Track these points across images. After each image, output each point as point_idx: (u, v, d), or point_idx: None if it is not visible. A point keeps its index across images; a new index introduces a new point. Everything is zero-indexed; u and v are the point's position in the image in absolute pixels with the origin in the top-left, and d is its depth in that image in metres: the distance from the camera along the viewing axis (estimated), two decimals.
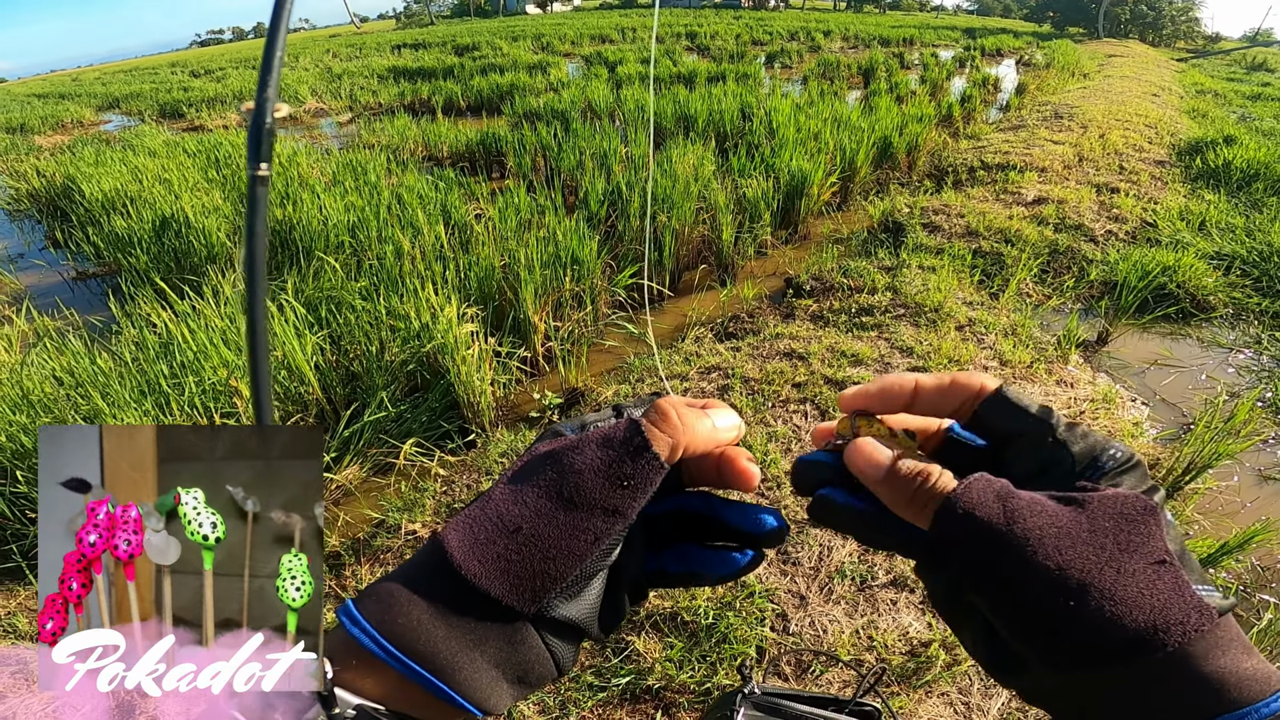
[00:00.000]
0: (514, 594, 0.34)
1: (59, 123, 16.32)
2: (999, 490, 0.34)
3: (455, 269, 4.29)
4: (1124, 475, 0.36)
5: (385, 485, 3.24)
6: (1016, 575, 0.32)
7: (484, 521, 0.35)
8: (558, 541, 0.34)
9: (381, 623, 0.33)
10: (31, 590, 2.69)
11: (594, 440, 0.37)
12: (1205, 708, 0.30)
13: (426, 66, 19.75)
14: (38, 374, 3.24)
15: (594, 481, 0.35)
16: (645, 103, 9.93)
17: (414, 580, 0.34)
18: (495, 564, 0.34)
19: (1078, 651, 0.31)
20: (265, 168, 0.26)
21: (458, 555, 0.34)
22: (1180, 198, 6.66)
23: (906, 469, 0.37)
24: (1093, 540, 0.32)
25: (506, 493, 0.36)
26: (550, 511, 0.35)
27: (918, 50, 25.56)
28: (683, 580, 0.42)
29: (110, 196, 6.53)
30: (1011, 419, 0.38)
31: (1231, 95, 15.59)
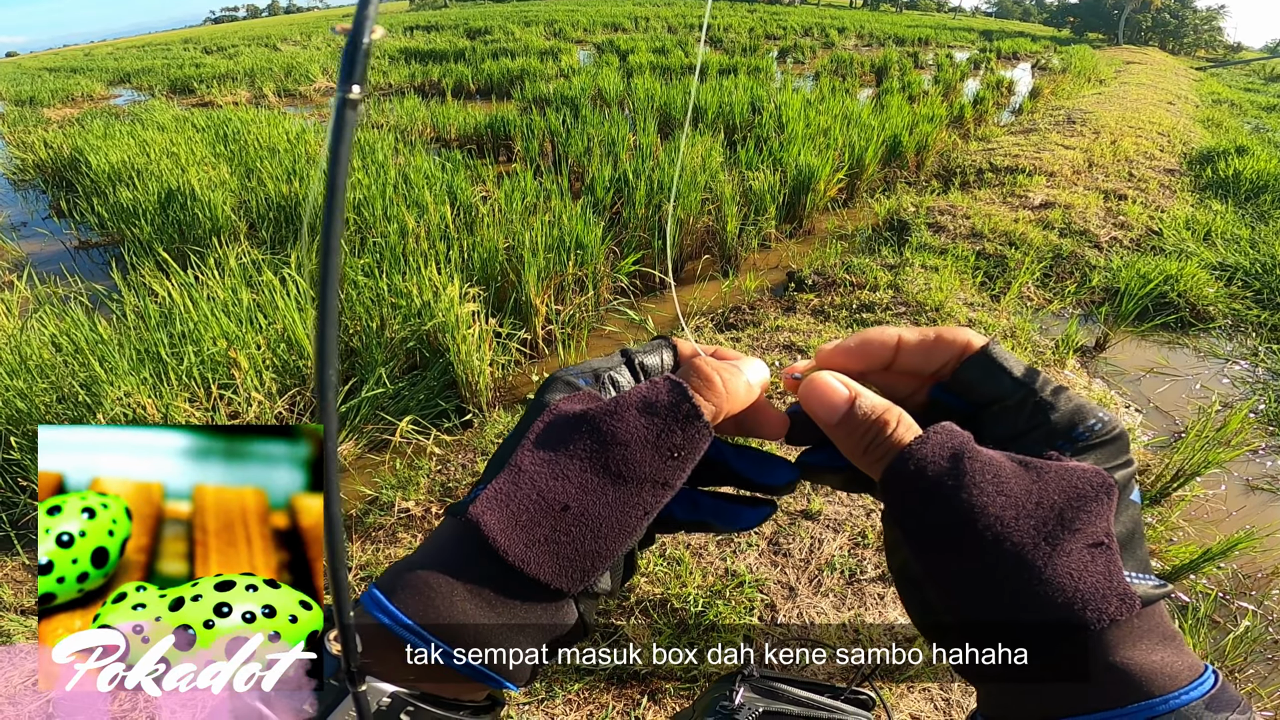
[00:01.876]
0: (564, 576, 0.32)
1: (69, 96, 16.31)
2: (956, 447, 0.33)
3: (459, 249, 4.30)
4: (1101, 448, 0.34)
5: (380, 462, 3.25)
6: (953, 541, 0.31)
7: (523, 499, 0.32)
8: (609, 519, 0.32)
9: (424, 615, 0.31)
10: (19, 561, 2.68)
11: (635, 405, 0.34)
12: (1123, 694, 0.30)
13: (438, 49, 19.70)
14: (36, 339, 3.25)
15: (643, 454, 0.33)
16: (656, 93, 9.89)
17: (450, 566, 0.32)
18: (543, 547, 0.32)
19: (995, 627, 0.31)
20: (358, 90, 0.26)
21: (500, 539, 0.31)
22: (1188, 207, 6.64)
23: (864, 411, 0.35)
24: (1037, 514, 0.31)
25: (541, 465, 0.33)
26: (599, 487, 0.33)
27: (933, 50, 25.43)
28: (690, 527, 0.39)
29: (117, 168, 6.54)
30: (994, 380, 0.36)
31: (1248, 106, 15.49)
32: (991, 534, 0.31)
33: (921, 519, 0.32)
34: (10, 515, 2.78)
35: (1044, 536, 0.31)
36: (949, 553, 0.32)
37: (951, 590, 0.32)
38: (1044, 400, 0.35)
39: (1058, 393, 0.35)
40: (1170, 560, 2.63)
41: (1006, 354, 0.37)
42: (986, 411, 0.37)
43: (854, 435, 0.35)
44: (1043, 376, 0.36)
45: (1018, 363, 0.37)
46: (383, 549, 2.63)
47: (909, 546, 0.33)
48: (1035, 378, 0.36)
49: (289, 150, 6.63)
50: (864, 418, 0.35)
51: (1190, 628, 2.32)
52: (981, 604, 0.31)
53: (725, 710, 0.78)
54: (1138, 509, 0.34)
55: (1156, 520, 2.84)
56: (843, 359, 0.39)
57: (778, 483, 0.39)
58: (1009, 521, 0.31)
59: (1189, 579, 2.60)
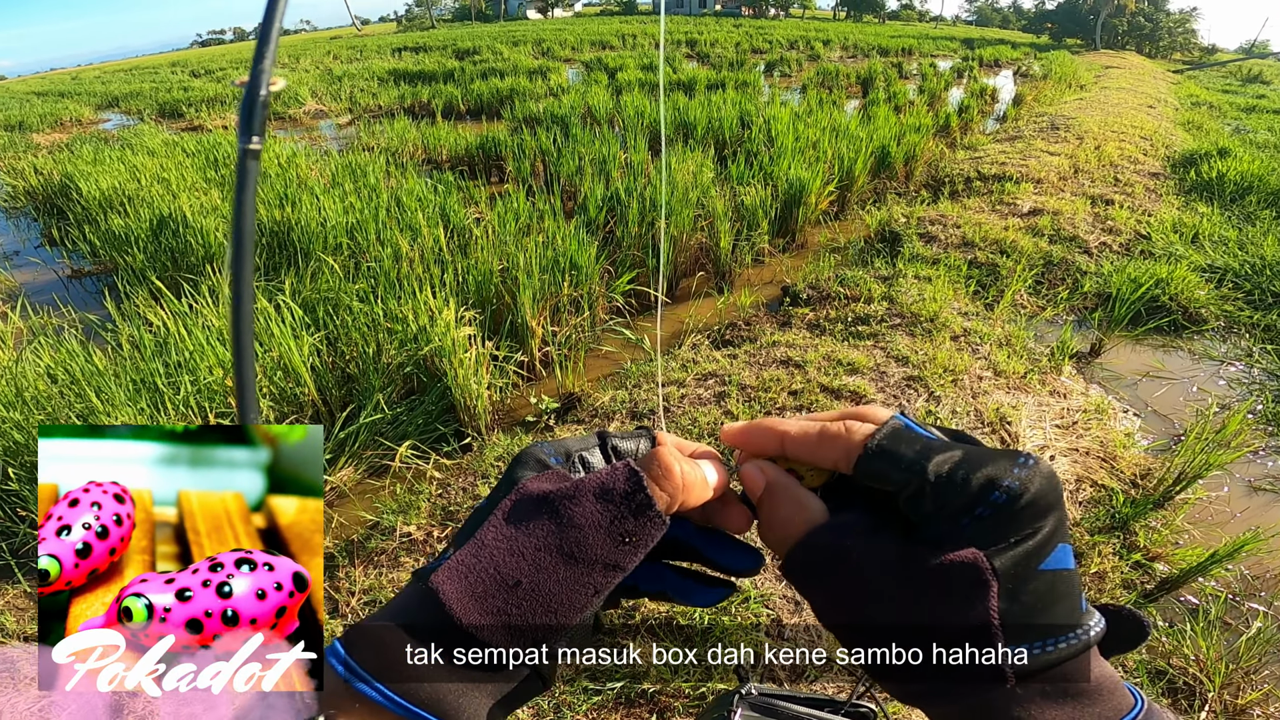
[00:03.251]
0: (516, 645, 0.34)
1: (58, 121, 16.28)
2: (835, 548, 0.36)
3: (454, 272, 4.30)
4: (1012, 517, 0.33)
5: (380, 488, 3.24)
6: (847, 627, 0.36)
7: (480, 572, 0.34)
8: (559, 596, 0.34)
9: (383, 672, 0.33)
10: (20, 589, 2.68)
11: (593, 490, 0.36)
12: None
13: (427, 70, 19.78)
14: (32, 371, 3.23)
15: (595, 537, 0.35)
16: (645, 110, 9.95)
17: (410, 628, 0.34)
18: (496, 618, 0.34)
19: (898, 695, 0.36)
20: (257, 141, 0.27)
21: (457, 608, 0.33)
22: (1174, 210, 6.71)
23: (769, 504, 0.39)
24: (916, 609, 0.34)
25: (501, 541, 0.35)
26: (551, 566, 0.35)
27: (916, 60, 25.69)
28: (653, 597, 0.43)
29: (108, 195, 6.52)
30: (886, 476, 0.36)
31: (1226, 107, 15.70)
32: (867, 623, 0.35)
33: (813, 603, 0.37)
34: (10, 544, 2.77)
35: (922, 625, 0.34)
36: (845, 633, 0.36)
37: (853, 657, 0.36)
38: (939, 486, 0.34)
39: (954, 472, 0.34)
40: (1178, 564, 2.63)
41: (894, 446, 0.36)
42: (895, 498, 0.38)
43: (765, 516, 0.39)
44: (939, 454, 0.35)
45: (908, 451, 0.36)
46: (385, 573, 2.61)
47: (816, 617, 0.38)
48: (927, 459, 0.35)
49: (280, 175, 6.63)
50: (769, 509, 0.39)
51: (1202, 631, 2.32)
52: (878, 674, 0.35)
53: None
54: (1051, 577, 0.34)
55: (1161, 524, 2.85)
56: (733, 441, 0.42)
57: (738, 567, 0.42)
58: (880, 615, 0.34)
59: (1197, 582, 2.61)
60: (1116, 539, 2.74)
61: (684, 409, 3.41)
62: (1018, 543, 0.33)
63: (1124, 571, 2.61)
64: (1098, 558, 2.62)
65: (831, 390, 3.49)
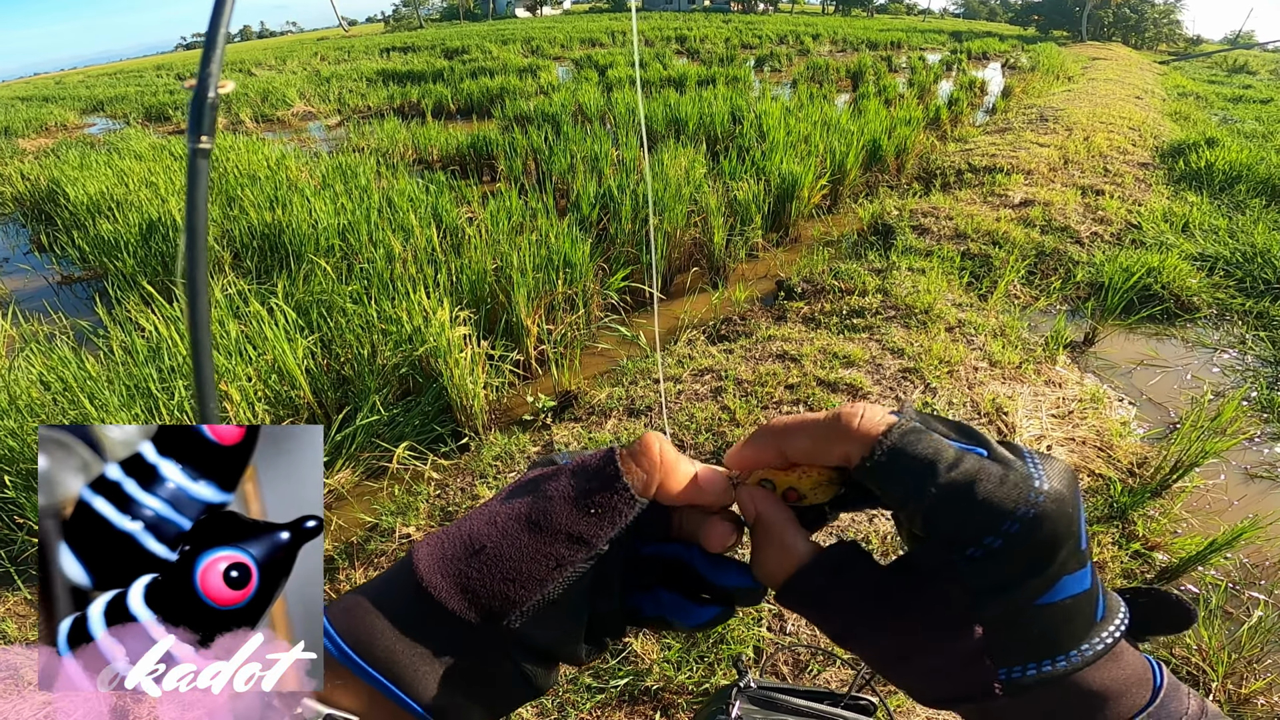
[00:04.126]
0: (470, 610, 0.34)
1: (43, 126, 16.13)
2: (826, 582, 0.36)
3: (447, 272, 4.28)
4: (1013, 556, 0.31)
5: (378, 489, 3.22)
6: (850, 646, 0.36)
7: (453, 539, 0.36)
8: (518, 564, 0.35)
9: (346, 630, 0.34)
10: (20, 596, 2.67)
11: (569, 468, 0.37)
12: None
13: (416, 70, 19.69)
14: (24, 378, 3.20)
15: (561, 508, 0.36)
16: (636, 106, 9.93)
17: (380, 592, 0.35)
18: (455, 580, 0.34)
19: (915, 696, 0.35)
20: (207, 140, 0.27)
21: (422, 568, 0.34)
22: (1164, 199, 6.74)
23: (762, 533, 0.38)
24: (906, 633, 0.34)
25: (484, 514, 0.37)
26: (515, 533, 0.35)
27: (905, 54, 25.76)
28: (653, 623, 0.41)
29: (95, 200, 6.47)
30: (886, 493, 0.34)
31: (1213, 98, 15.79)
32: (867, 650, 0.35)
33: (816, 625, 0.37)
34: (9, 552, 2.77)
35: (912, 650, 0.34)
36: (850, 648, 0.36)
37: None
38: (937, 512, 0.31)
39: (957, 502, 0.31)
40: (1177, 553, 2.64)
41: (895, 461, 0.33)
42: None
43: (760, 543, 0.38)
44: (942, 480, 0.31)
45: (909, 472, 0.32)
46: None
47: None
48: (925, 483, 0.32)
49: (270, 177, 6.59)
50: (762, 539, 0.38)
51: (1203, 620, 2.33)
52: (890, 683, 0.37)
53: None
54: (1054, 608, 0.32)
55: (1159, 513, 2.86)
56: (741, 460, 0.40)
57: (742, 591, 0.40)
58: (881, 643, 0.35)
59: (1197, 571, 2.62)
60: (1115, 528, 2.75)
61: (681, 405, 3.41)
62: (1012, 586, 0.31)
63: (1124, 561, 2.62)
64: (1097, 548, 2.64)
65: (828, 384, 3.49)
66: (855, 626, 0.35)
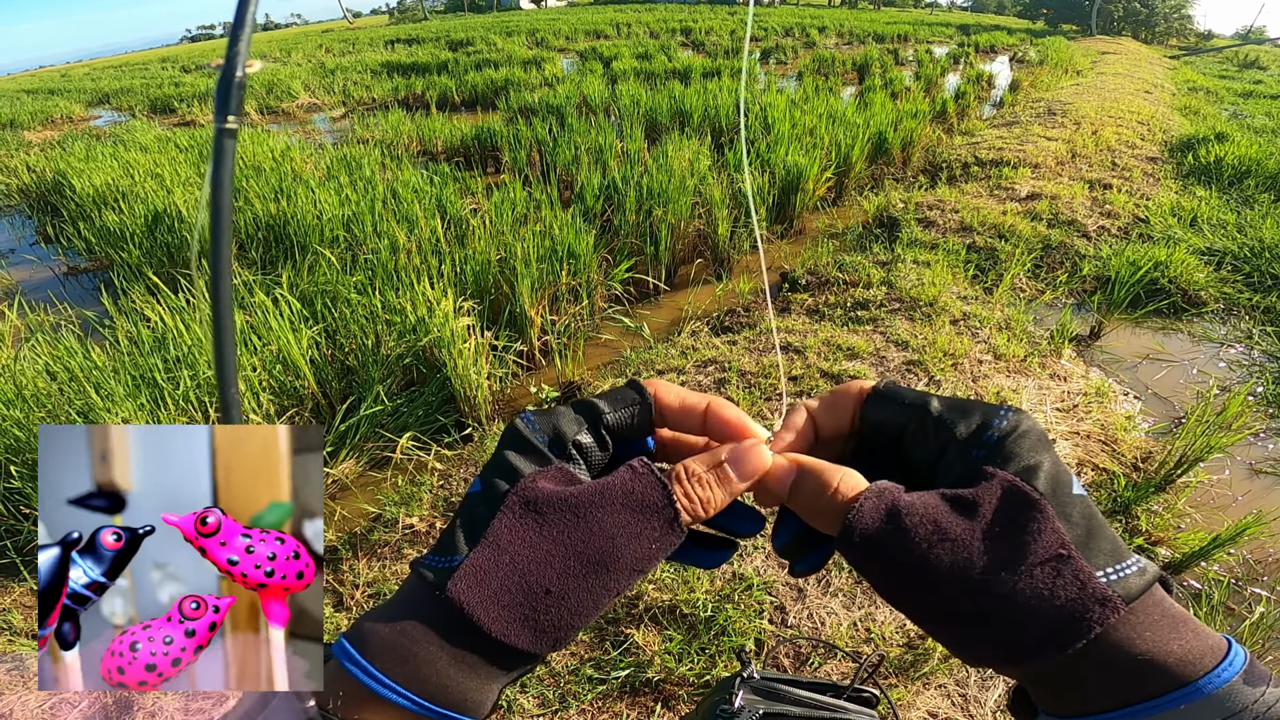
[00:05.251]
0: (539, 646, 0.34)
1: (49, 118, 16.17)
2: (889, 507, 0.35)
3: (451, 263, 4.28)
4: (1015, 443, 0.35)
5: (382, 480, 3.23)
6: (917, 589, 0.34)
7: (503, 579, 0.34)
8: (587, 601, 0.35)
9: (410, 680, 0.33)
10: (26, 586, 2.68)
11: (620, 500, 0.36)
12: (1142, 690, 0.31)
13: (420, 62, 19.64)
14: (30, 369, 3.22)
15: (627, 547, 0.35)
16: (641, 98, 9.89)
17: (431, 633, 0.34)
18: (524, 624, 0.34)
19: (987, 655, 0.33)
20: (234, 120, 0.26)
21: (482, 615, 0.33)
22: (1172, 194, 6.69)
23: (806, 486, 0.37)
24: (988, 549, 0.32)
25: (523, 545, 0.35)
26: (581, 574, 0.35)
27: (912, 47, 25.61)
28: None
29: (101, 192, 6.48)
30: (889, 414, 0.40)
31: (1223, 92, 15.66)
32: (950, 577, 0.32)
33: (880, 576, 0.35)
34: (15, 542, 2.78)
35: (1001, 568, 0.32)
36: (917, 601, 0.34)
37: (928, 628, 0.35)
38: (941, 417, 0.38)
39: (953, 407, 0.38)
40: (1180, 548, 2.63)
41: (897, 388, 0.40)
42: (901, 445, 0.40)
43: (805, 501, 0.38)
44: (935, 398, 0.39)
45: (909, 392, 0.40)
46: (389, 565, 2.61)
47: (884, 597, 0.36)
48: (927, 400, 0.38)
49: (275, 169, 6.59)
50: (810, 489, 0.37)
51: (1206, 616, 2.33)
52: (958, 640, 0.33)
53: (725, 714, 0.77)
54: (1085, 501, 0.34)
55: (1163, 507, 2.85)
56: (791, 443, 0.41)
57: (740, 530, 0.42)
58: (963, 562, 0.32)
59: (1200, 566, 2.61)
60: (1119, 523, 2.75)
61: None
62: (1039, 464, 0.34)
63: None
64: None
65: (831, 375, 3.49)
66: (933, 548, 0.33)
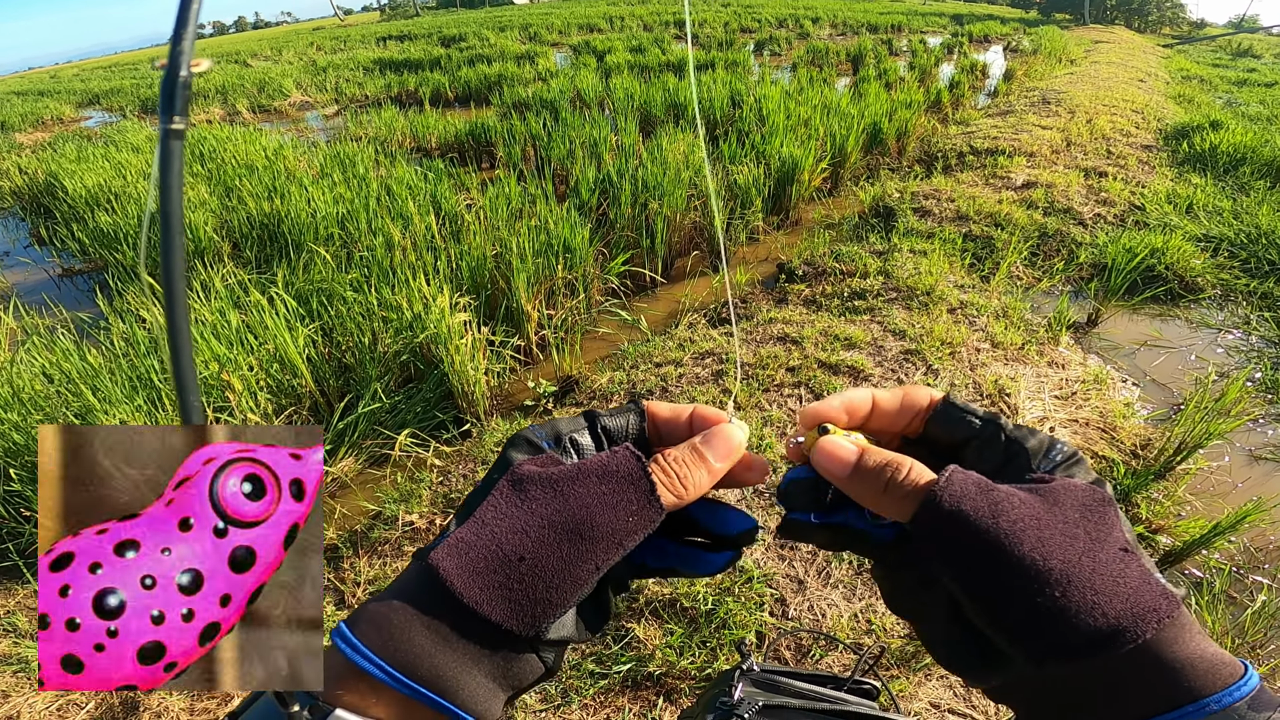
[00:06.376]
0: (515, 619, 0.34)
1: (39, 120, 16.08)
2: (979, 482, 0.35)
3: (447, 259, 4.27)
4: (1073, 467, 0.38)
5: (381, 477, 3.23)
6: (1003, 568, 0.33)
7: (481, 549, 0.35)
8: (561, 571, 0.35)
9: (383, 649, 0.33)
10: (29, 589, 2.68)
11: (595, 473, 0.37)
12: (1176, 695, 0.31)
13: (413, 58, 19.54)
14: (27, 371, 3.20)
15: (601, 516, 0.36)
16: (635, 92, 9.86)
17: (411, 605, 0.34)
18: (498, 592, 0.34)
19: (1062, 642, 0.32)
20: (180, 121, 0.25)
21: (457, 582, 0.34)
22: (1167, 181, 6.69)
23: (873, 461, 0.38)
24: (1067, 531, 0.33)
25: (503, 518, 0.36)
26: (554, 543, 0.35)
27: (906, 37, 25.52)
28: (662, 573, 0.43)
29: (94, 193, 6.46)
30: (964, 424, 0.41)
31: (1217, 81, 15.64)
32: (1039, 555, 0.33)
33: (966, 547, 0.34)
34: (17, 545, 2.78)
35: (1082, 551, 0.33)
36: (996, 577, 0.33)
37: (1002, 611, 0.33)
38: (1013, 435, 0.40)
39: (1020, 427, 0.40)
40: (1180, 536, 2.63)
41: (965, 403, 0.42)
42: (963, 452, 0.41)
43: (868, 482, 0.38)
44: (1003, 416, 0.41)
45: (978, 408, 0.42)
46: (389, 562, 2.61)
47: (954, 575, 0.35)
48: (999, 417, 0.41)
49: (268, 167, 6.56)
50: (875, 466, 0.38)
51: (1207, 604, 2.33)
52: (1034, 621, 0.32)
53: (725, 706, 0.77)
54: (1125, 519, 0.36)
55: (1163, 495, 2.85)
56: (826, 417, 0.42)
57: (732, 532, 0.43)
58: (1048, 542, 0.33)
59: (1201, 554, 2.61)
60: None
61: (682, 388, 3.40)
62: (1101, 482, 0.37)
63: None
64: None
65: (829, 366, 3.48)
66: (1021, 527, 0.33)
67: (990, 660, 0.35)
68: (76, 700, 2.13)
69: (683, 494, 0.38)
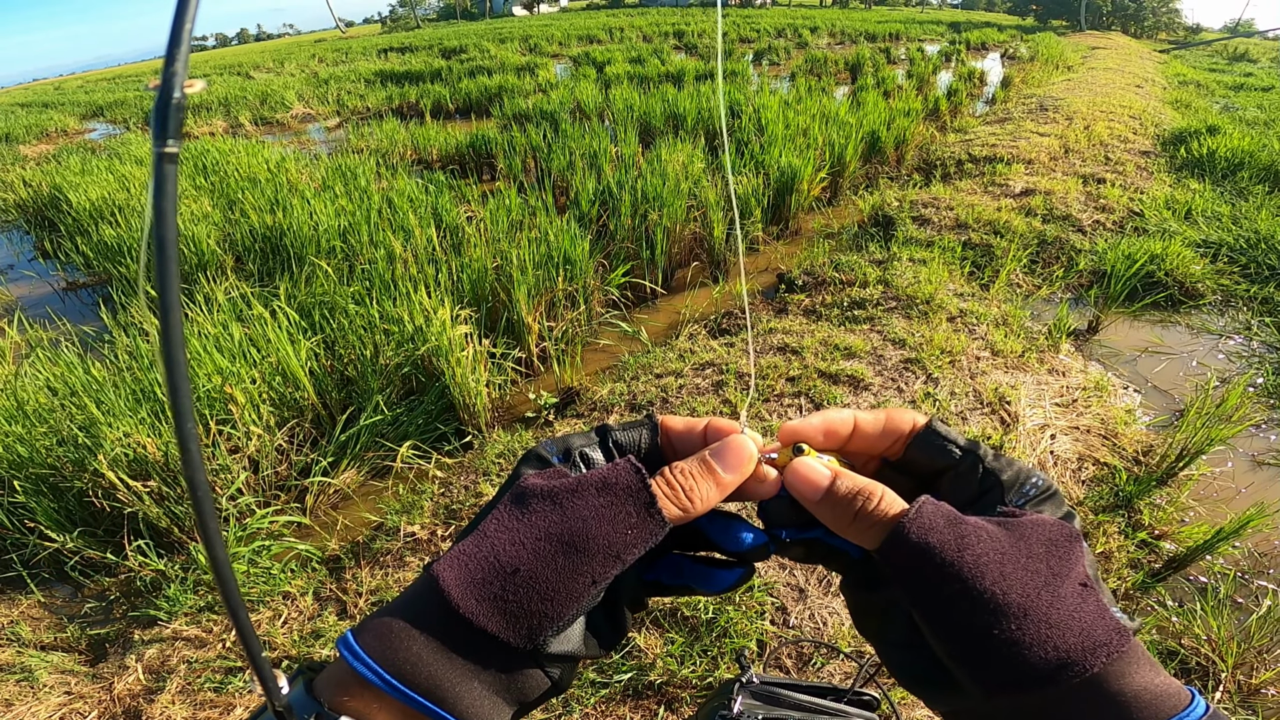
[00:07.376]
0: (510, 631, 0.34)
1: (44, 132, 16.18)
2: (948, 515, 0.36)
3: (448, 271, 4.29)
4: (1045, 503, 0.39)
5: (383, 488, 3.23)
6: (962, 599, 0.34)
7: (480, 560, 0.35)
8: (556, 584, 0.35)
9: (383, 656, 0.33)
10: (34, 599, 2.69)
11: (594, 485, 0.37)
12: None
13: (414, 70, 19.65)
14: (31, 385, 3.22)
15: (597, 529, 0.36)
16: (634, 103, 9.91)
17: (411, 615, 0.35)
18: (492, 603, 0.34)
19: (1013, 674, 0.32)
20: (174, 144, 0.26)
21: (454, 593, 0.34)
22: (1166, 187, 6.71)
23: (845, 488, 0.38)
24: (1029, 565, 0.34)
25: (502, 530, 0.36)
26: (550, 555, 0.35)
27: (904, 45, 25.62)
28: (677, 591, 0.43)
29: (98, 205, 6.49)
30: (944, 452, 0.41)
31: (1214, 86, 15.68)
32: (998, 588, 0.33)
33: (928, 580, 0.35)
34: (21, 556, 2.79)
35: (1041, 585, 0.34)
36: (956, 609, 0.34)
37: (958, 643, 0.34)
38: (990, 466, 0.40)
39: (999, 458, 0.40)
40: (1184, 542, 2.63)
41: (948, 429, 0.42)
42: (940, 480, 0.42)
43: (839, 509, 0.38)
44: (983, 445, 0.41)
45: (959, 435, 0.41)
46: (392, 573, 2.61)
47: (915, 606, 0.35)
48: (978, 446, 0.41)
49: (270, 180, 6.59)
50: (847, 493, 0.38)
51: (1212, 610, 2.32)
52: (989, 653, 0.33)
53: (724, 719, 0.77)
54: (1090, 553, 0.37)
55: (1166, 501, 2.85)
56: (803, 436, 0.42)
57: (741, 548, 0.42)
58: (1009, 575, 0.34)
59: (1205, 560, 2.60)
60: (1121, 517, 2.75)
61: (682, 399, 3.41)
62: (1071, 516, 0.38)
63: (1130, 551, 2.61)
64: (1103, 537, 2.62)
65: (829, 375, 3.49)
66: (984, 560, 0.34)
67: (946, 687, 0.36)
68: (79, 709, 2.13)
69: (689, 507, 0.38)
